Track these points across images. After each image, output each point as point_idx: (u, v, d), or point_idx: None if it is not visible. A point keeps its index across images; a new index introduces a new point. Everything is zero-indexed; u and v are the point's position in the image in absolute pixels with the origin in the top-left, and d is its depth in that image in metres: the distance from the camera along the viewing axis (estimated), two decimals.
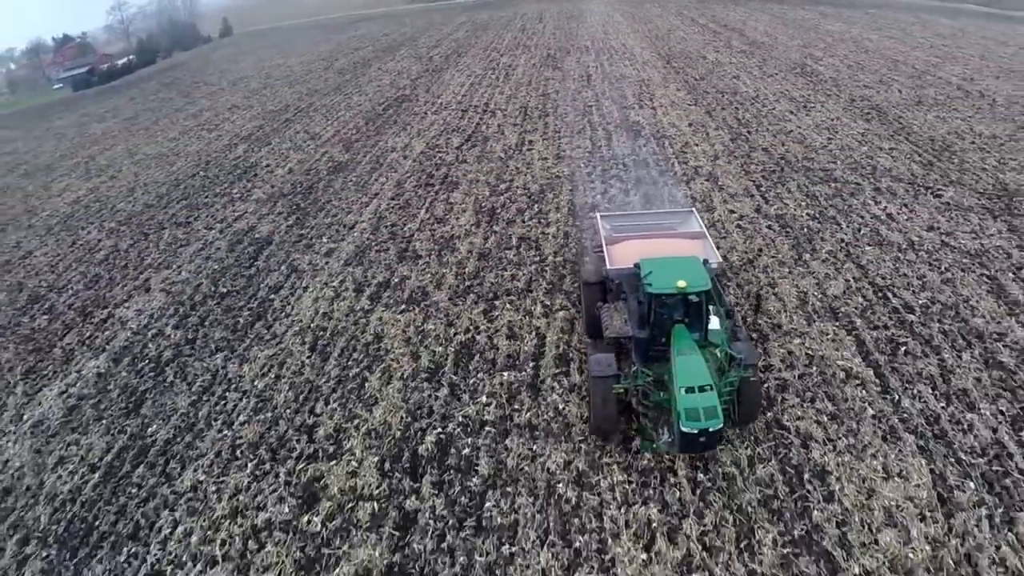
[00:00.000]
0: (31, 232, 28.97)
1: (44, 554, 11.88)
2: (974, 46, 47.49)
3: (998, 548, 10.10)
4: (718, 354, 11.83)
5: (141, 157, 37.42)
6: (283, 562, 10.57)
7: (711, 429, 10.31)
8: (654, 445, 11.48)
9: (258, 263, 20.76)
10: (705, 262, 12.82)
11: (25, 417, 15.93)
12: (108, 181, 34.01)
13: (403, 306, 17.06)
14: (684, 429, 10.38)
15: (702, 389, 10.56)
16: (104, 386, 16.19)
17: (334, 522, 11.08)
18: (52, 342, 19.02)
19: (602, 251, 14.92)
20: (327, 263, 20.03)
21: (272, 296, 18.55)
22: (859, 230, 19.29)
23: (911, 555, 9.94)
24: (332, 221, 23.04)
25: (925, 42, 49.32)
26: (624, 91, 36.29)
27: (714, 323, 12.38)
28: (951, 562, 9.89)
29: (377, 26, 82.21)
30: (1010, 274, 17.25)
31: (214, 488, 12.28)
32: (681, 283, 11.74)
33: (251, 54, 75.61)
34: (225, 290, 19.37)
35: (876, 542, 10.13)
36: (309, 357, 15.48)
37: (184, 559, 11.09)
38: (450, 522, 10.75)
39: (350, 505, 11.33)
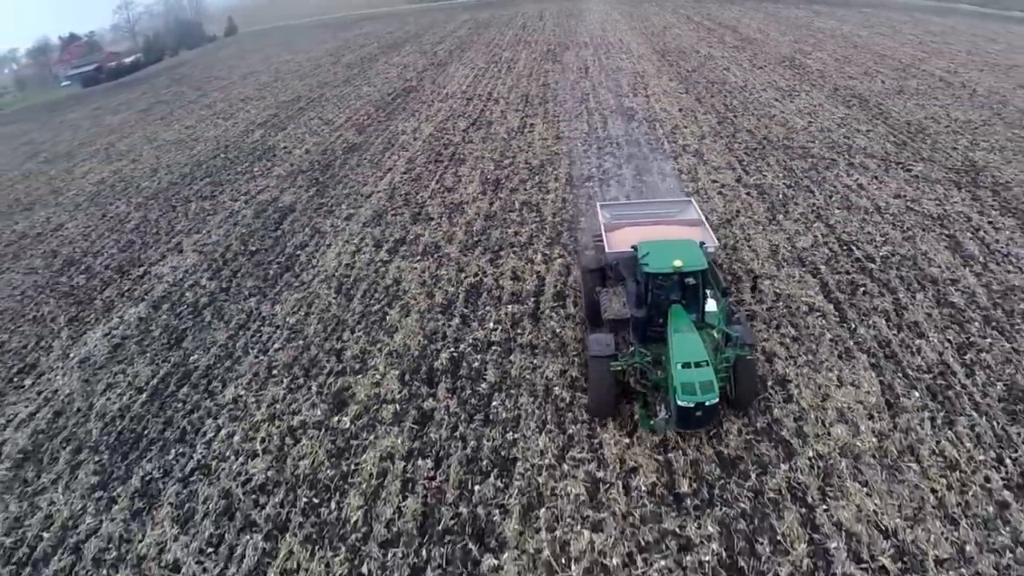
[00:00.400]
0: (59, 208, 30.75)
1: (96, 459, 13.40)
2: (963, 42, 48.78)
3: (938, 443, 11.64)
4: (715, 335, 12.06)
5: (160, 143, 39.26)
6: (316, 452, 12.30)
7: (707, 403, 10.53)
8: (651, 422, 11.65)
9: (283, 227, 22.64)
10: (701, 244, 13.10)
11: (71, 355, 17.63)
12: (130, 164, 35.81)
13: (418, 257, 18.98)
14: (681, 403, 10.59)
15: (698, 365, 10.76)
16: (146, 328, 17.94)
17: (361, 420, 12.87)
18: (92, 296, 20.77)
19: (601, 239, 15.20)
20: (347, 225, 21.92)
21: (298, 252, 20.44)
22: (830, 197, 21.10)
23: (859, 444, 11.61)
24: (350, 192, 24.95)
25: (914, 38, 50.84)
26: (620, 81, 38.18)
27: (711, 305, 12.54)
28: (895, 451, 11.50)
29: (380, 25, 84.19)
30: (968, 234, 18.97)
31: (253, 400, 14.04)
32: (677, 262, 11.91)
33: (258, 52, 77.48)
34: (254, 249, 21.25)
35: (828, 433, 11.80)
36: (335, 298, 17.34)
37: (227, 454, 12.76)
38: (462, 416, 12.56)
39: (375, 407, 13.12)
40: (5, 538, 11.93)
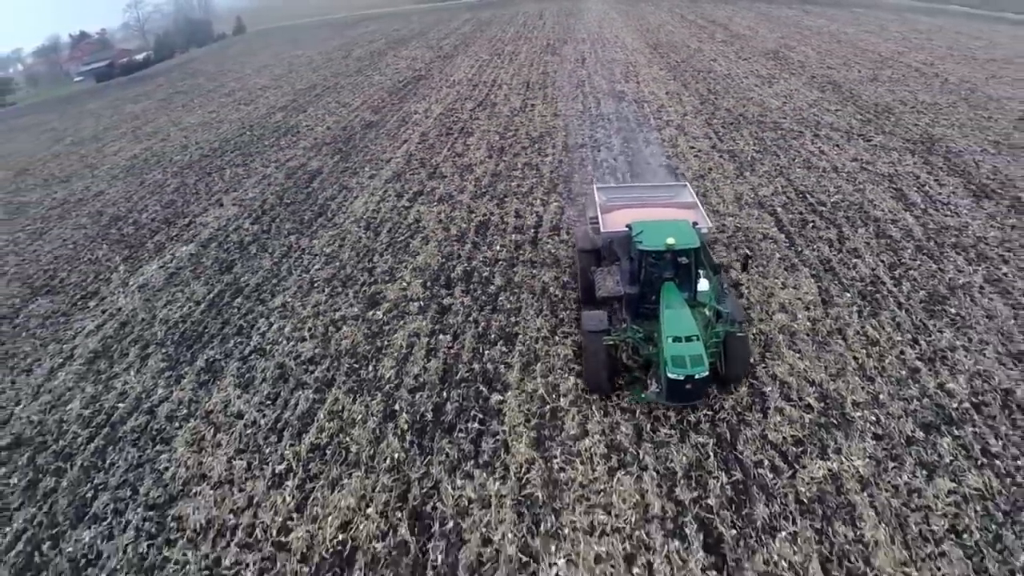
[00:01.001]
0: (96, 179, 33.37)
1: (163, 351, 16.03)
2: (946, 39, 50.36)
3: (863, 327, 14.25)
4: (707, 312, 12.39)
5: (186, 125, 41.99)
6: (356, 335, 15.12)
7: (697, 376, 10.84)
8: (643, 395, 11.99)
9: (313, 185, 25.59)
10: (695, 224, 13.49)
11: (131, 283, 20.27)
12: (160, 142, 38.52)
13: (435, 203, 21.94)
14: (671, 375, 10.91)
15: (689, 339, 11.12)
16: (198, 260, 20.72)
17: (392, 313, 15.71)
18: (143, 241, 23.49)
19: (597, 221, 15.54)
20: (371, 182, 24.90)
21: (329, 202, 23.40)
22: (793, 159, 23.98)
23: (795, 326, 14.37)
24: (371, 158, 27.92)
25: (899, 35, 52.89)
26: (613, 70, 41.15)
27: (703, 285, 12.80)
28: (825, 331, 14.20)
29: (385, 23, 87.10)
30: (914, 188, 21.76)
31: (300, 304, 16.84)
32: (670, 240, 12.26)
33: (267, 48, 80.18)
34: (289, 201, 24.14)
35: (770, 318, 14.60)
36: (365, 233, 20.30)
37: (280, 340, 15.53)
38: (474, 308, 15.40)
39: (403, 304, 15.99)
40: (84, 411, 14.44)
